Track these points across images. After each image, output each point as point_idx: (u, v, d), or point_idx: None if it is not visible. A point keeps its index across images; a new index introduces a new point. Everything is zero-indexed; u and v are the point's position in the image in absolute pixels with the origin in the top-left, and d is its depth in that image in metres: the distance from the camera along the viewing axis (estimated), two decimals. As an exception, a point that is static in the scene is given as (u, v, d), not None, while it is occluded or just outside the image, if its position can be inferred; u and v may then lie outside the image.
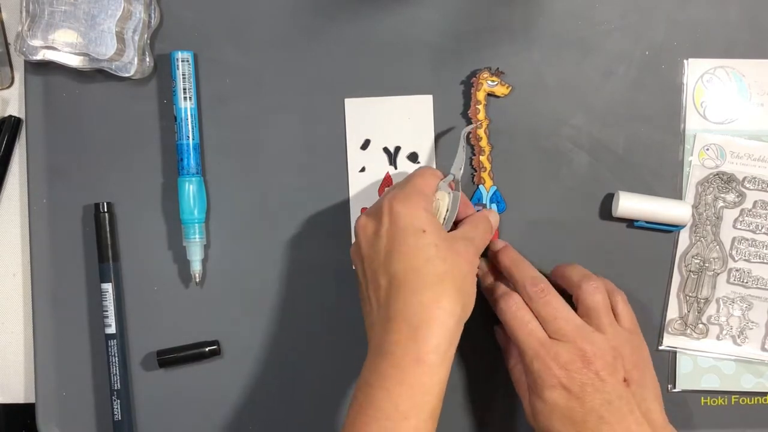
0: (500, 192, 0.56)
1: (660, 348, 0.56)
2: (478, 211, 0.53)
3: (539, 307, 0.48)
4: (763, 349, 0.55)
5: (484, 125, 0.55)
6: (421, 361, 0.42)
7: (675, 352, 0.56)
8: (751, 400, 0.56)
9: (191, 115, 0.55)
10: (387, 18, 0.56)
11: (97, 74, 0.56)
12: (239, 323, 0.56)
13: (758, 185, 0.56)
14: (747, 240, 0.56)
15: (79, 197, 0.56)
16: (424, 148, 0.56)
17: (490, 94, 0.55)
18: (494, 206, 0.56)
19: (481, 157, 0.55)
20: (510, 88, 0.55)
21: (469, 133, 0.55)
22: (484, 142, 0.55)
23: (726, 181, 0.56)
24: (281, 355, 0.56)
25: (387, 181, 0.56)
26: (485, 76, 0.55)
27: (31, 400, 0.57)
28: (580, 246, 0.56)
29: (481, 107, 0.55)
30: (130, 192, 0.56)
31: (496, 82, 0.55)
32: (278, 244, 0.56)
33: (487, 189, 0.56)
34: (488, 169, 0.55)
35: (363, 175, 0.56)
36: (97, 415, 0.56)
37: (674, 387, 0.55)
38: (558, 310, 0.48)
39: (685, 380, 0.56)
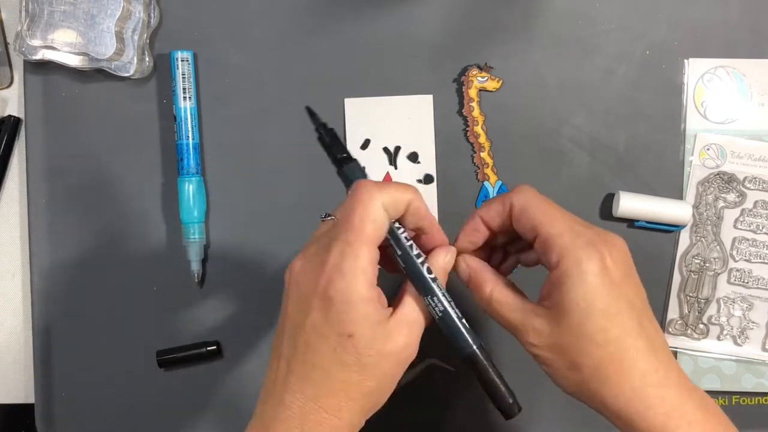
0: (506, 187, 0.56)
1: (660, 348, 0.56)
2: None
3: None
4: (763, 349, 0.55)
5: (480, 121, 0.55)
6: None
7: (675, 353, 0.56)
8: (751, 401, 0.56)
9: (191, 115, 0.55)
10: (387, 18, 0.56)
11: (96, 74, 0.56)
12: (239, 323, 0.56)
13: (759, 185, 0.56)
14: (748, 240, 0.55)
15: (79, 197, 0.56)
16: (424, 148, 0.56)
17: (482, 90, 0.55)
18: None
19: (482, 154, 0.55)
20: (501, 82, 0.55)
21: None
22: (482, 139, 0.55)
23: (726, 180, 0.56)
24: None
25: (387, 181, 0.56)
26: (474, 72, 0.55)
27: (31, 400, 0.57)
28: (581, 246, 0.55)
29: (474, 104, 0.55)
30: (130, 192, 0.56)
31: (485, 78, 0.55)
32: (278, 244, 0.56)
33: (492, 184, 0.55)
34: (491, 164, 0.55)
35: (363, 175, 0.56)
36: (96, 415, 0.56)
37: (675, 387, 0.55)
38: None
39: (686, 380, 0.55)
